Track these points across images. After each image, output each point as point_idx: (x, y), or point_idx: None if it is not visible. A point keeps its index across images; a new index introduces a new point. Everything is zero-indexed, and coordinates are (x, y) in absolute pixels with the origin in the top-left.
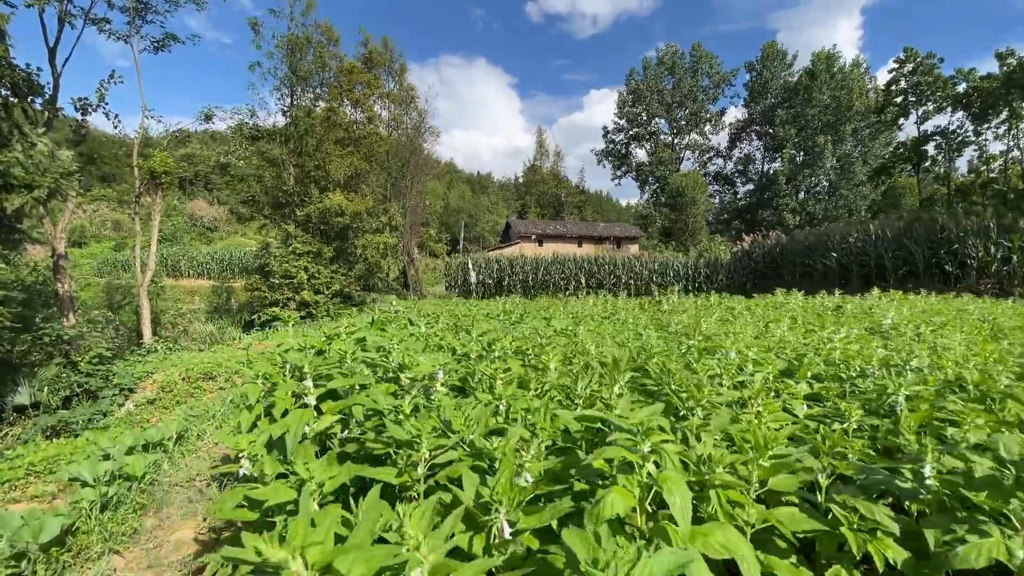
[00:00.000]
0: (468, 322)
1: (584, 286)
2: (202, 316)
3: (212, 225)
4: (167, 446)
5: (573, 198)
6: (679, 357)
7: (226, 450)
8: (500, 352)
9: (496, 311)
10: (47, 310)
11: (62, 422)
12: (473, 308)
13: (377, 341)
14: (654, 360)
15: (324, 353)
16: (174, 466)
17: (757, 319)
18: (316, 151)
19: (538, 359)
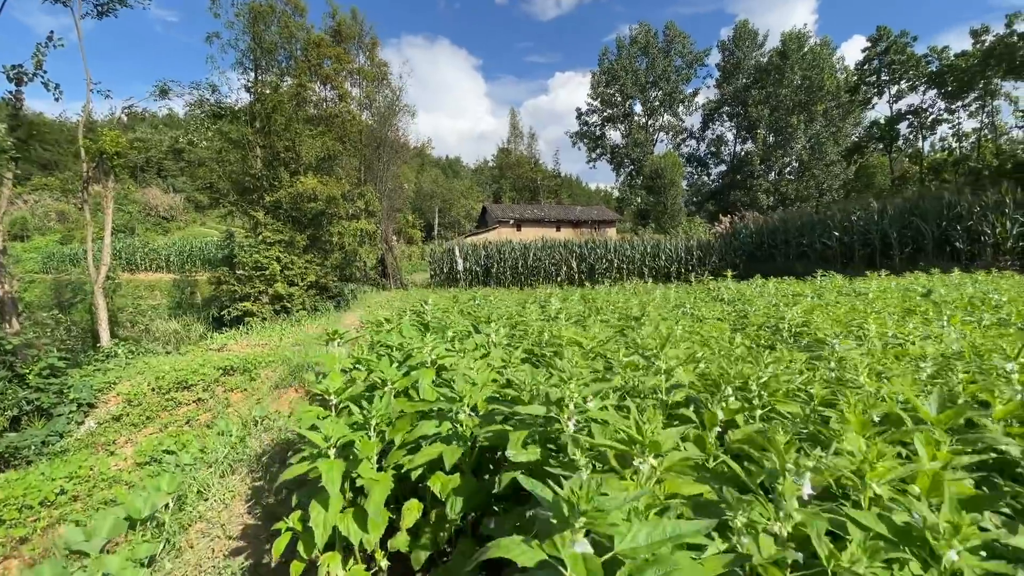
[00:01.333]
0: (527, 323)
1: (576, 272)
2: (164, 313)
3: (168, 214)
4: (162, 518)
5: (549, 181)
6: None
7: (245, 522)
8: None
9: (530, 307)
10: None
11: (10, 448)
12: (493, 302)
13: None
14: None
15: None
16: (179, 560)
17: (854, 309)
18: (285, 131)
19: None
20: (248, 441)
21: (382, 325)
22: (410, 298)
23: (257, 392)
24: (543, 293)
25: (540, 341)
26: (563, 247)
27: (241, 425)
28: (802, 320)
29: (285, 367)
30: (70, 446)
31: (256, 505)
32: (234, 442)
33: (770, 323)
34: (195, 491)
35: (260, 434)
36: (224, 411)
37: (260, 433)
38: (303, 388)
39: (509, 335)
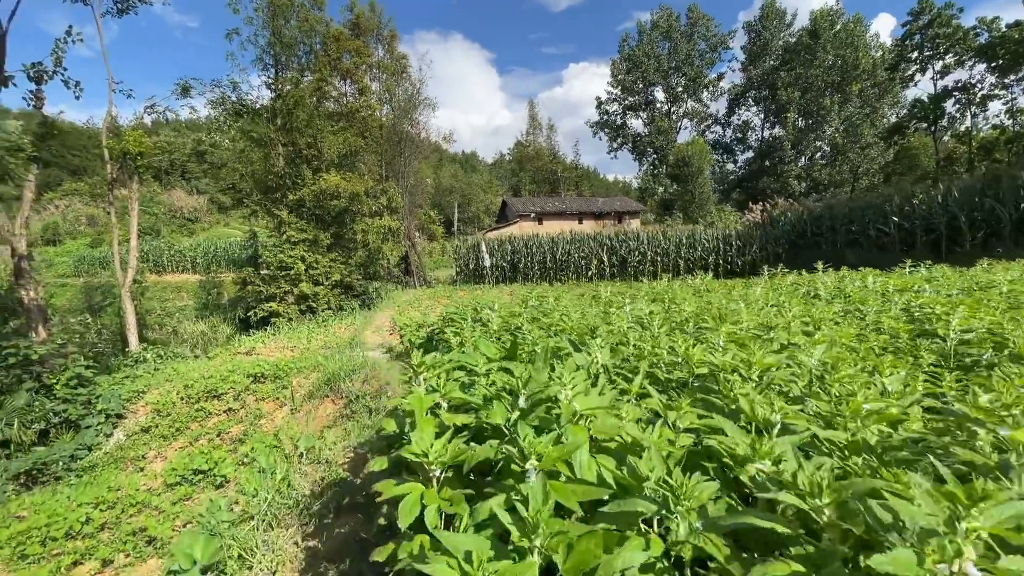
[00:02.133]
0: (619, 334)
1: (607, 265)
2: (191, 314)
3: (193, 216)
4: None
5: (569, 173)
6: None
7: None
8: None
9: (591, 309)
10: (11, 323)
11: (38, 464)
12: (552, 303)
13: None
14: None
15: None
16: None
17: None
18: (307, 127)
19: None
20: (293, 477)
21: (441, 337)
22: (438, 296)
23: (290, 402)
24: (592, 291)
25: (659, 362)
26: (592, 240)
27: (283, 457)
28: (984, 327)
29: (319, 374)
30: (99, 461)
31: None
32: (277, 483)
33: (941, 333)
34: (235, 555)
35: (305, 466)
36: (256, 422)
37: (304, 465)
38: (339, 398)
39: (618, 356)
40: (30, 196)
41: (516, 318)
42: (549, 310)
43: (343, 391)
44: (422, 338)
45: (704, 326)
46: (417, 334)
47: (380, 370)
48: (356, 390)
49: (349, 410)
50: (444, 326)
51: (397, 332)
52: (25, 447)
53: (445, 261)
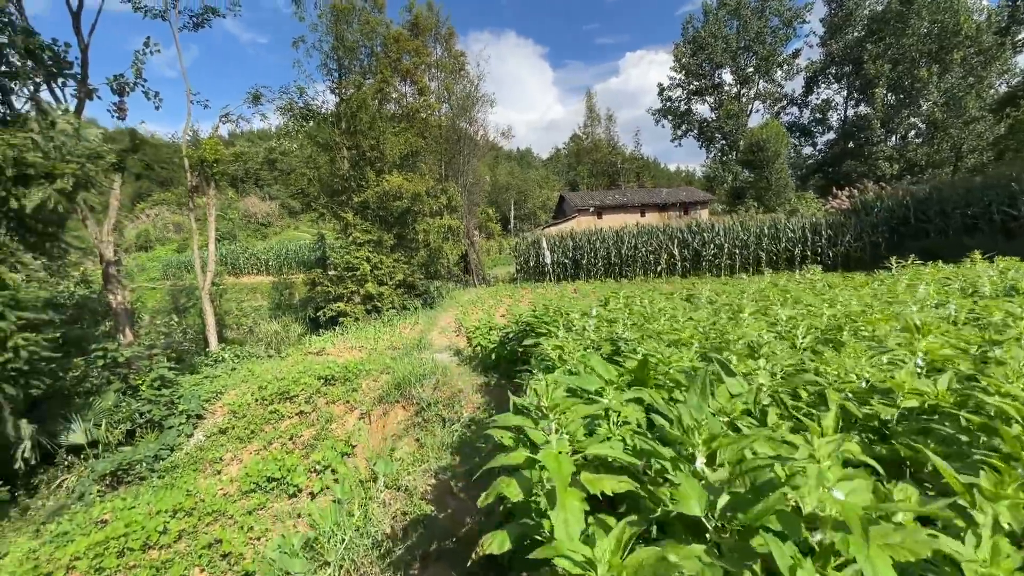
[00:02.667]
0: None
1: (678, 260)
2: (266, 314)
3: (266, 220)
4: None
5: (630, 164)
6: None
7: None
8: None
9: (699, 313)
10: (101, 326)
11: (123, 465)
12: (649, 304)
13: None
14: None
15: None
16: None
17: None
18: (370, 129)
19: None
20: (370, 507)
21: (527, 348)
22: (499, 295)
23: (360, 404)
24: (684, 289)
25: (845, 388)
26: (662, 232)
27: (358, 484)
28: None
29: (388, 377)
30: (180, 461)
31: None
32: (356, 520)
33: None
34: None
35: (382, 493)
36: (327, 427)
37: (382, 490)
38: (410, 404)
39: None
40: (116, 204)
41: (614, 325)
42: (649, 314)
43: (414, 397)
44: (494, 342)
45: (866, 333)
46: (488, 337)
47: (451, 375)
48: (427, 397)
49: (421, 418)
50: (524, 332)
51: (463, 334)
52: (112, 447)
53: (503, 259)
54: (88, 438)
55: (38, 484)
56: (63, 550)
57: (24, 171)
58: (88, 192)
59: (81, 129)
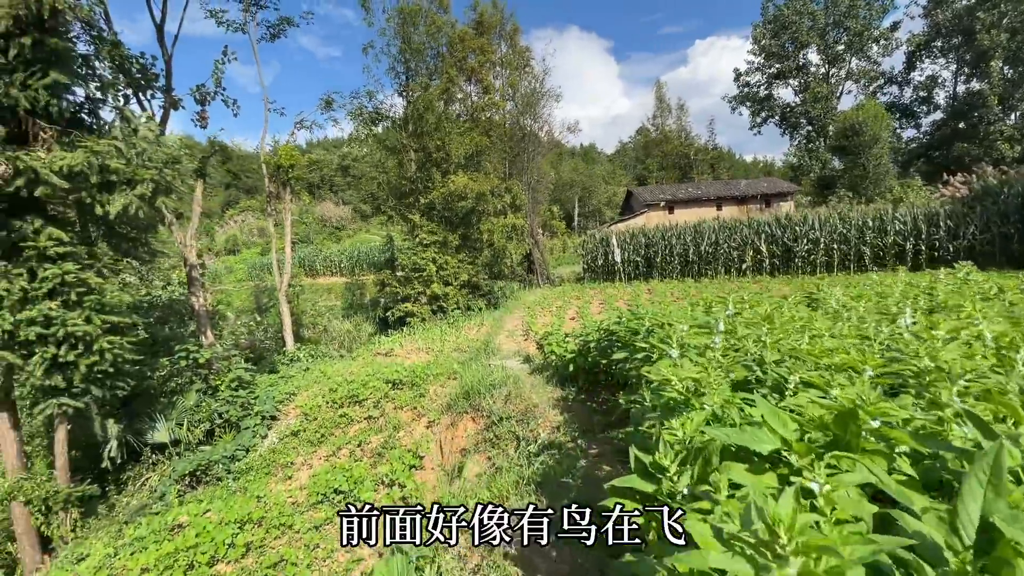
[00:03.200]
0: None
1: (766, 257)
2: (339, 313)
3: (340, 224)
4: None
5: (704, 156)
6: None
7: None
8: None
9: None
10: (184, 327)
11: (201, 465)
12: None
13: None
14: None
15: None
16: None
17: None
18: (436, 130)
19: None
20: (444, 561)
21: (627, 371)
22: (567, 295)
23: (427, 412)
24: (805, 288)
25: None
26: (747, 226)
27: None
28: None
29: (456, 384)
30: (253, 463)
31: None
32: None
33: None
34: None
35: (457, 533)
36: (394, 434)
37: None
38: (479, 416)
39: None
40: (198, 209)
41: (757, 345)
42: (791, 327)
43: (483, 409)
44: (571, 352)
45: None
46: (564, 346)
47: (523, 386)
48: (498, 410)
49: (492, 433)
50: (607, 342)
51: (532, 338)
52: (193, 446)
53: (567, 258)
54: (171, 437)
55: (126, 480)
56: (135, 559)
57: (107, 178)
58: (167, 197)
59: (160, 137)
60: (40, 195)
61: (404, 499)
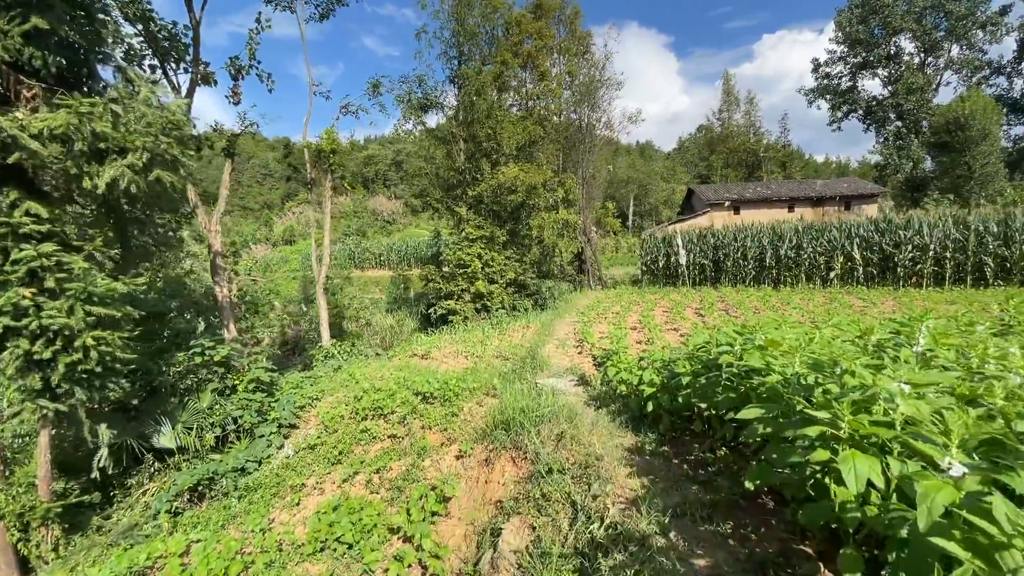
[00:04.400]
0: None
1: (860, 265)
2: (383, 307)
3: (391, 218)
4: None
5: (775, 153)
6: None
7: None
8: None
9: None
10: (202, 320)
11: (205, 478)
12: None
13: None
14: None
15: None
16: None
17: None
18: (487, 118)
19: None
20: None
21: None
22: (622, 299)
23: (459, 437)
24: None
25: None
26: (837, 228)
27: None
28: None
29: (494, 403)
30: (263, 480)
31: None
32: None
33: None
34: None
35: None
36: (419, 462)
37: None
38: (522, 459)
39: None
40: (225, 192)
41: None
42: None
43: (527, 449)
44: (651, 384)
45: None
46: (637, 375)
47: (579, 424)
48: (547, 455)
49: (538, 489)
50: (708, 376)
51: (587, 350)
52: (203, 453)
53: (620, 258)
54: (177, 443)
55: (131, 486)
56: None
57: (97, 145)
58: (167, 171)
59: (164, 101)
60: (17, 162)
61: (419, 562)
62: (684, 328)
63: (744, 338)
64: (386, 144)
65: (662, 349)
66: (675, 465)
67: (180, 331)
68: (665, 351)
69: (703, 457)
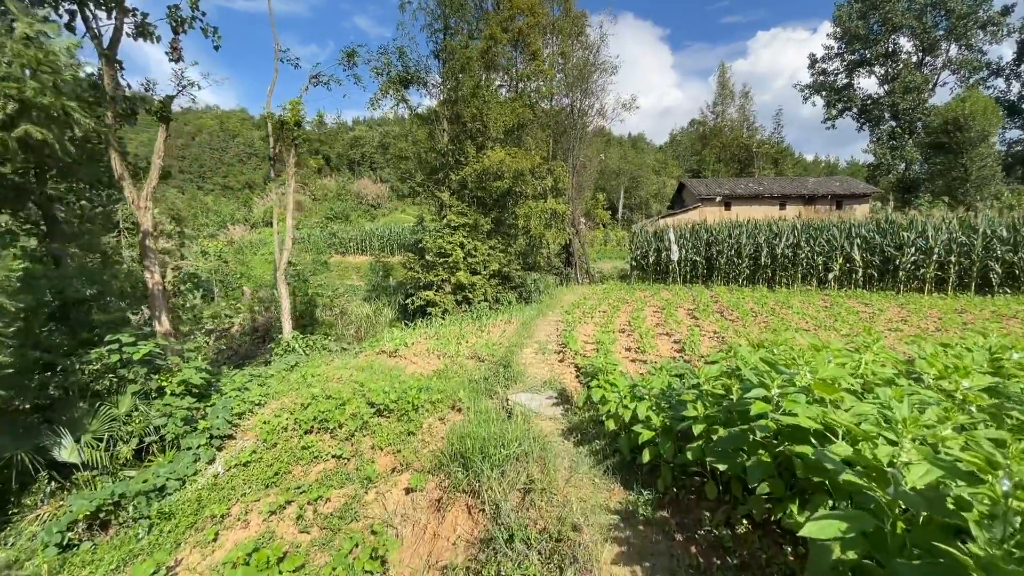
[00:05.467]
0: None
1: (861, 267)
2: (361, 294)
3: (376, 202)
4: None
5: (768, 149)
6: None
7: None
8: None
9: None
10: (127, 312)
11: (109, 502)
12: None
13: None
14: None
15: None
16: None
17: None
18: (473, 96)
19: None
20: None
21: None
22: (610, 296)
23: (413, 462)
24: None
25: None
26: (837, 227)
27: None
28: None
29: (457, 420)
30: (180, 506)
31: None
32: None
33: None
34: None
35: None
36: (361, 495)
37: None
38: (478, 507)
39: None
40: (159, 163)
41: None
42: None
43: (486, 498)
44: (649, 424)
45: None
46: (629, 407)
47: (553, 470)
48: (510, 513)
49: (494, 553)
50: (730, 428)
51: (570, 357)
52: (115, 470)
53: (608, 251)
54: (80, 457)
55: (23, 509)
56: None
57: None
58: (38, 126)
59: (46, 40)
60: None
61: None
62: (678, 333)
63: (782, 376)
64: (374, 126)
65: (659, 369)
66: (678, 544)
67: (99, 323)
68: (663, 375)
69: (718, 536)
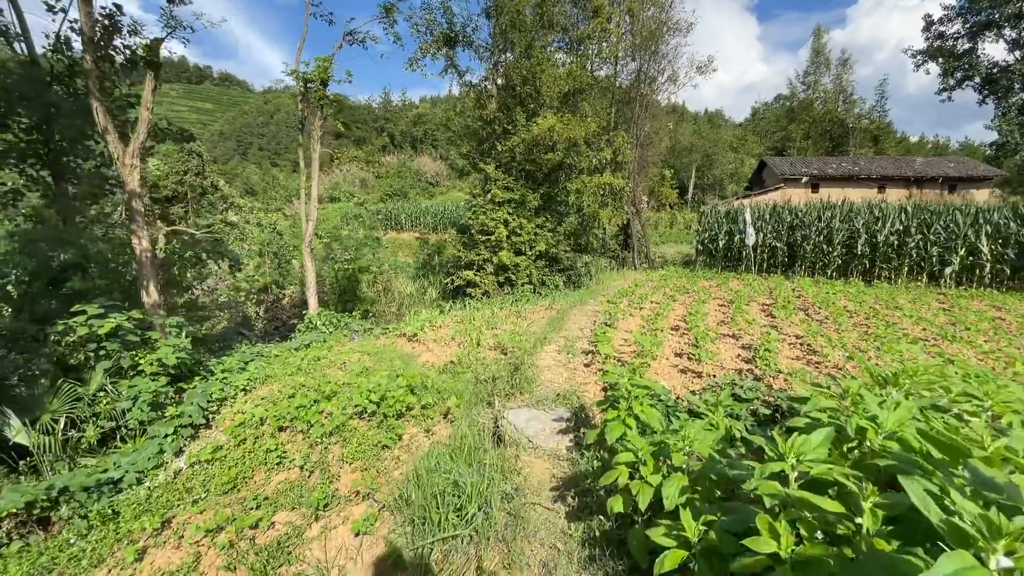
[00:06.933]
0: None
1: (990, 261)
2: (410, 271)
3: (435, 180)
4: None
5: (867, 125)
6: None
7: None
8: None
9: None
10: (97, 280)
11: (44, 497)
12: None
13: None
14: None
15: None
16: None
17: None
18: (525, 57)
19: None
20: None
21: None
22: (668, 285)
23: (377, 489)
24: None
25: None
26: (961, 212)
27: None
28: None
29: (444, 434)
30: (126, 509)
31: None
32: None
33: None
34: None
35: None
36: (305, 530)
37: None
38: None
39: None
40: (147, 116)
41: None
42: None
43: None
44: (670, 531)
45: None
46: (645, 482)
47: (523, 558)
48: None
49: None
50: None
51: (599, 362)
52: (73, 456)
53: (674, 235)
54: (28, 439)
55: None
56: None
57: None
58: None
59: None
60: None
61: None
62: (748, 336)
63: (981, 482)
64: (438, 103)
65: (713, 407)
66: None
67: (78, 291)
68: (719, 416)
69: None
